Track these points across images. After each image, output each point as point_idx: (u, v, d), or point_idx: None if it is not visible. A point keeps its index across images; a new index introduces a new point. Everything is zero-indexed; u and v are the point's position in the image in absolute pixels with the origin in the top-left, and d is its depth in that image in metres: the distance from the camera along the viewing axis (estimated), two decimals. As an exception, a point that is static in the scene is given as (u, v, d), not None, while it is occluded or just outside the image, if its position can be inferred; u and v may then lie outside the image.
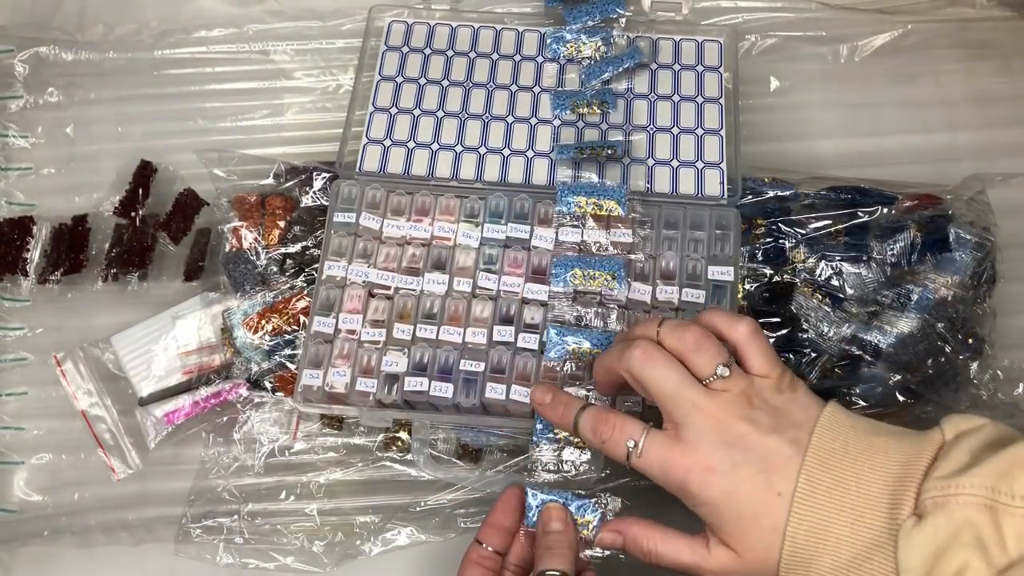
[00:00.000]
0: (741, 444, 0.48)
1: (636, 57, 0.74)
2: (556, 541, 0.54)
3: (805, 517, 0.46)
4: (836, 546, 0.45)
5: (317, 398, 0.65)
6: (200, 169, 0.76)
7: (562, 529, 0.54)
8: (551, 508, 0.55)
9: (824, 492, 0.46)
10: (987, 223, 0.69)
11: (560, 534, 0.54)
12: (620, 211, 0.67)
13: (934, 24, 0.82)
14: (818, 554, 0.46)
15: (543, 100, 0.75)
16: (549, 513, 0.55)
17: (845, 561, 0.45)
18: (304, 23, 0.84)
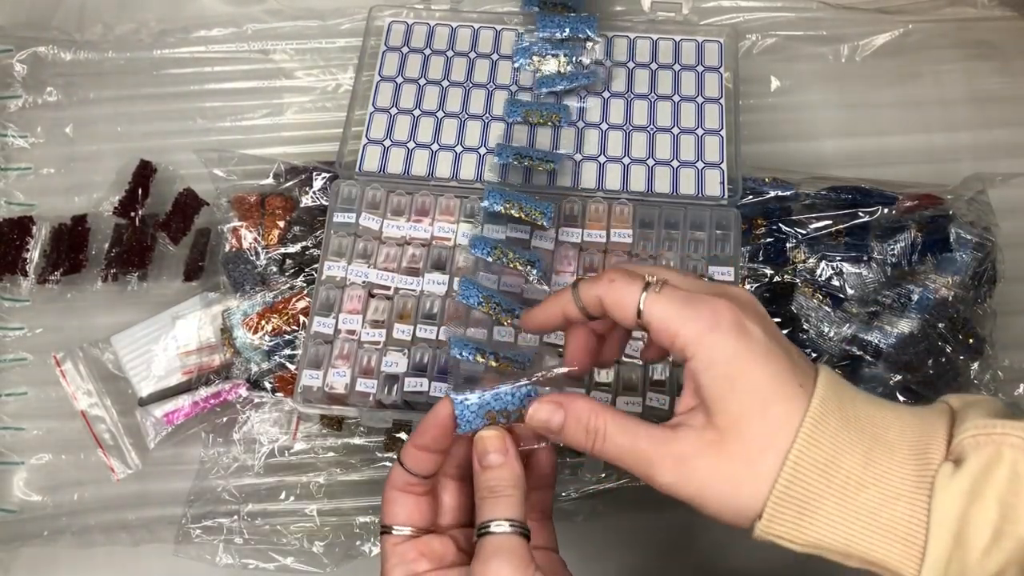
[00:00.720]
0: (765, 323, 0.42)
1: (591, 79, 0.74)
2: (497, 480, 0.44)
3: (814, 444, 0.39)
4: (844, 487, 0.39)
5: (317, 398, 0.65)
6: (200, 169, 0.76)
7: (502, 462, 0.44)
8: (484, 438, 0.45)
9: (836, 426, 0.40)
10: (988, 223, 0.69)
11: (501, 469, 0.44)
12: (544, 223, 0.66)
13: (934, 24, 0.82)
14: (821, 492, 0.39)
15: (543, 100, 0.75)
16: (483, 443, 0.45)
17: (857, 506, 0.39)
18: (304, 22, 0.84)
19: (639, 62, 0.76)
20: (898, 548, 0.38)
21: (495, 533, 0.42)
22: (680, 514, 0.68)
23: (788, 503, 0.39)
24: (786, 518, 0.39)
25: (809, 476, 0.39)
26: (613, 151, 0.73)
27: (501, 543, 0.42)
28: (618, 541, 0.68)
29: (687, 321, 0.41)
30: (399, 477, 0.46)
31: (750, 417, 0.40)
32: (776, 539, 0.40)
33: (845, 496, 0.39)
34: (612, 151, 0.73)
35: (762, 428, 0.40)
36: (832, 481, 0.39)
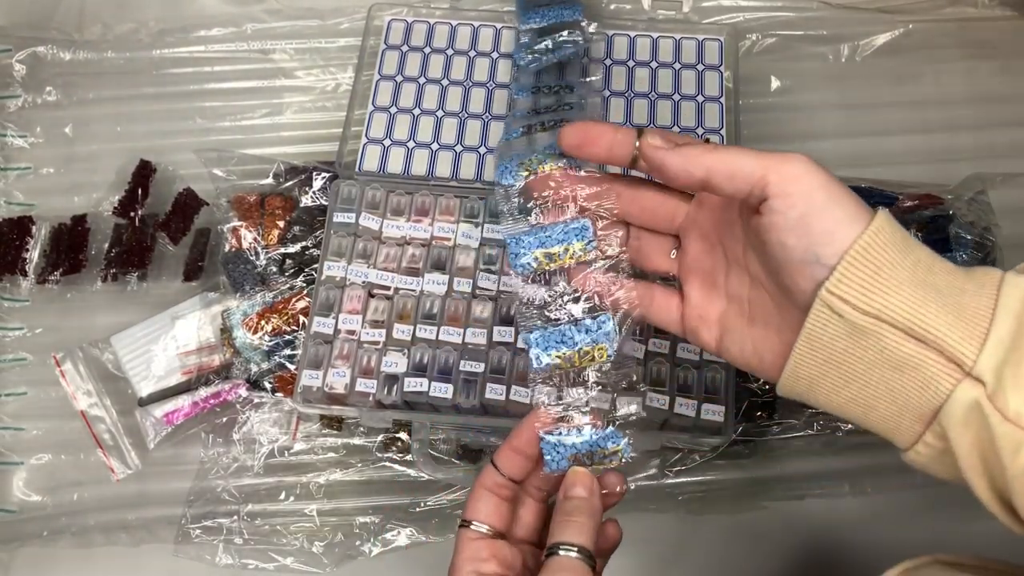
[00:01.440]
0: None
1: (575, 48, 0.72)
2: (576, 508, 0.47)
3: (890, 226, 0.40)
4: (916, 265, 0.39)
5: (317, 399, 0.65)
6: (199, 169, 0.76)
7: (586, 496, 0.47)
8: (577, 473, 0.48)
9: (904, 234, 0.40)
10: (988, 223, 0.69)
11: (583, 501, 0.47)
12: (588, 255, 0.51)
13: (935, 24, 0.81)
14: (897, 261, 0.39)
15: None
16: (574, 478, 0.48)
17: (927, 284, 0.39)
18: (303, 22, 0.84)
19: (639, 60, 0.76)
20: (961, 327, 0.38)
21: (563, 556, 0.44)
22: (680, 515, 0.68)
23: (863, 263, 0.38)
24: (856, 278, 0.38)
25: (887, 245, 0.39)
26: (613, 151, 0.72)
27: (568, 565, 0.44)
28: (618, 541, 0.68)
29: (761, 157, 0.41)
30: (489, 477, 0.49)
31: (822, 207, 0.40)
32: (842, 303, 0.39)
33: (916, 272, 0.39)
34: (612, 151, 0.72)
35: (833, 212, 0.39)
36: (907, 257, 0.39)
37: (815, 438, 0.68)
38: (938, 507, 0.67)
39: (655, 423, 0.63)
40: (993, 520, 0.41)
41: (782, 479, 0.68)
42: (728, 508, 0.68)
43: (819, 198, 0.40)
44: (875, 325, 0.38)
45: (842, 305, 0.39)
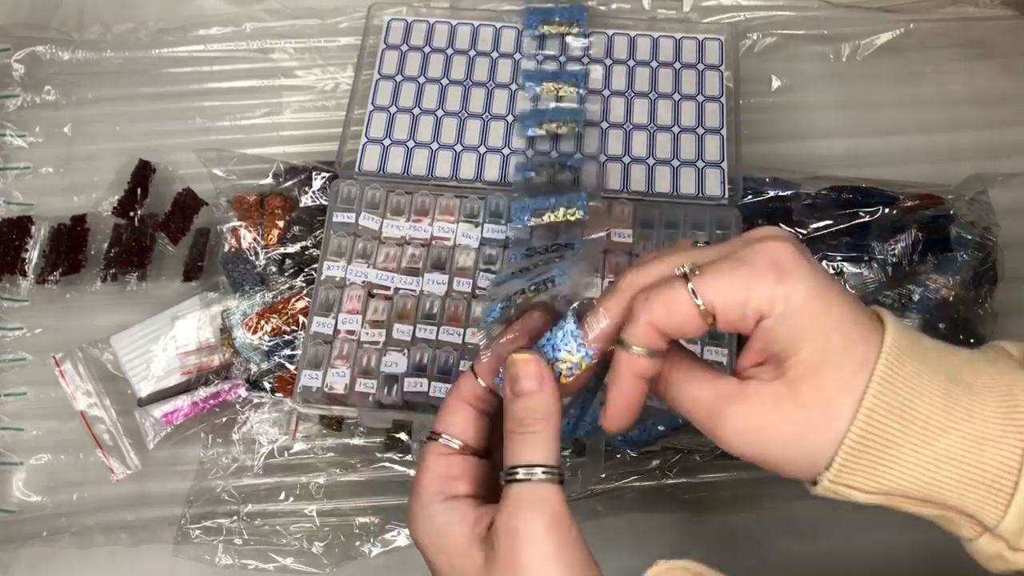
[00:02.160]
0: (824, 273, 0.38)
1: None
2: (528, 411, 0.40)
3: (890, 388, 0.36)
4: (924, 431, 0.36)
5: (316, 399, 0.65)
6: (199, 169, 0.76)
7: (535, 390, 0.40)
8: (517, 361, 0.40)
9: (911, 367, 0.37)
10: (988, 223, 0.69)
11: (533, 398, 0.40)
12: (580, 215, 0.64)
13: (936, 23, 0.81)
14: (898, 438, 0.36)
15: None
16: (515, 367, 0.40)
17: (938, 452, 0.36)
18: (303, 21, 0.83)
19: (639, 60, 0.76)
20: (981, 493, 0.36)
21: (525, 480, 0.39)
22: (680, 515, 0.68)
23: (863, 451, 0.36)
24: (859, 466, 0.37)
25: (886, 422, 0.36)
26: (613, 150, 0.72)
27: (533, 494, 0.39)
28: (617, 541, 0.68)
29: (751, 283, 0.37)
30: (467, 387, 0.44)
31: (829, 358, 0.37)
32: (845, 489, 0.37)
33: (924, 441, 0.36)
34: (612, 150, 0.72)
35: (840, 369, 0.37)
36: (910, 426, 0.36)
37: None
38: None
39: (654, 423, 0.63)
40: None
41: (782, 479, 0.68)
42: (728, 508, 0.68)
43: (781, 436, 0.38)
44: (888, 499, 0.38)
45: (847, 491, 0.38)
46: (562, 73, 0.74)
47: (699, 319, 0.38)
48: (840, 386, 0.37)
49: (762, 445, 0.38)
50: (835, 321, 0.37)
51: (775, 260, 0.37)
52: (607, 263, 0.67)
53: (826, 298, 0.37)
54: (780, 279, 0.37)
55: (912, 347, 0.37)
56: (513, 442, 0.40)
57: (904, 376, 0.37)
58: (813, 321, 0.37)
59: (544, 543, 0.38)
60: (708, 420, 0.39)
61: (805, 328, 0.37)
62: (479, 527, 0.41)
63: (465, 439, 0.43)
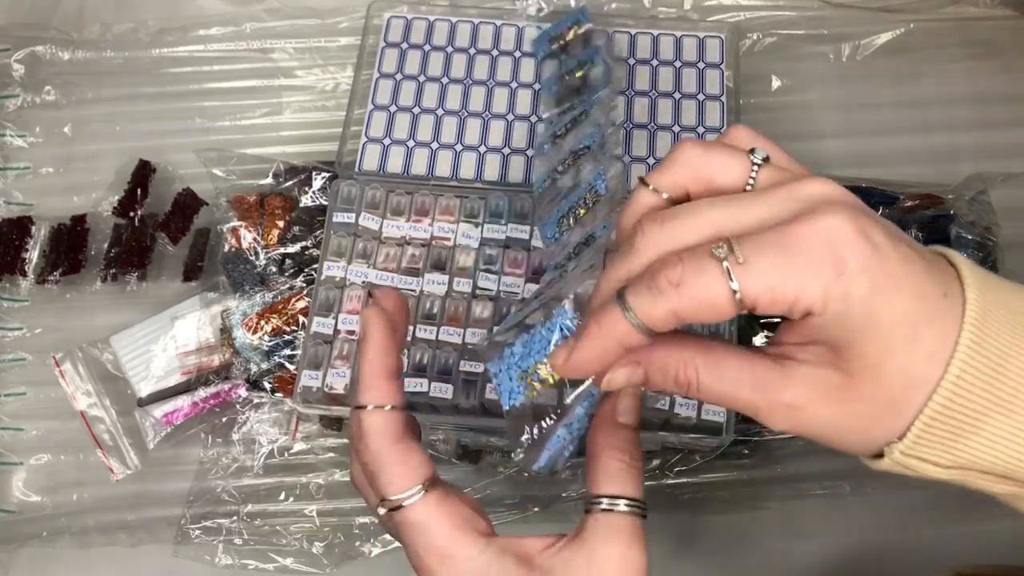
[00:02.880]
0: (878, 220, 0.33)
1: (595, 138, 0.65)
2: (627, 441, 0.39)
3: (979, 350, 0.32)
4: (1013, 398, 0.32)
5: (316, 399, 0.65)
6: (199, 169, 0.76)
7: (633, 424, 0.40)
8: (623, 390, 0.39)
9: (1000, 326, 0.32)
10: (989, 223, 0.69)
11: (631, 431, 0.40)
12: (601, 189, 0.58)
13: (936, 23, 0.81)
14: (986, 407, 0.32)
15: (543, 97, 0.75)
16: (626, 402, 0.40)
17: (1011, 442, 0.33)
18: (303, 21, 0.83)
19: (640, 58, 0.76)
20: None
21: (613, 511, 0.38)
22: (680, 515, 0.68)
23: (944, 423, 0.33)
24: (937, 439, 0.33)
25: (972, 392, 0.32)
26: (613, 150, 0.72)
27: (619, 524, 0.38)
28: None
29: (803, 278, 0.31)
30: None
31: (893, 355, 0.32)
32: (917, 462, 0.34)
33: (1013, 409, 0.32)
34: (612, 150, 0.72)
35: (908, 365, 0.32)
36: (999, 393, 0.32)
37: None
38: (939, 507, 0.67)
39: (655, 423, 0.63)
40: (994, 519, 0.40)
41: (782, 479, 0.68)
42: (728, 508, 0.68)
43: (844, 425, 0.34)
44: (964, 473, 0.34)
45: (919, 463, 0.34)
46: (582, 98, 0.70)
47: (732, 310, 0.32)
48: (907, 382, 0.33)
49: (814, 428, 0.35)
50: (904, 314, 0.32)
51: (835, 248, 0.31)
52: (606, 262, 0.67)
53: (895, 289, 0.32)
54: (838, 275, 0.31)
55: (999, 301, 0.33)
56: (603, 467, 0.39)
57: (993, 335, 0.32)
58: (876, 316, 0.32)
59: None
60: (753, 412, 0.35)
61: (866, 324, 0.32)
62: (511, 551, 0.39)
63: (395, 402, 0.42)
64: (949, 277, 0.33)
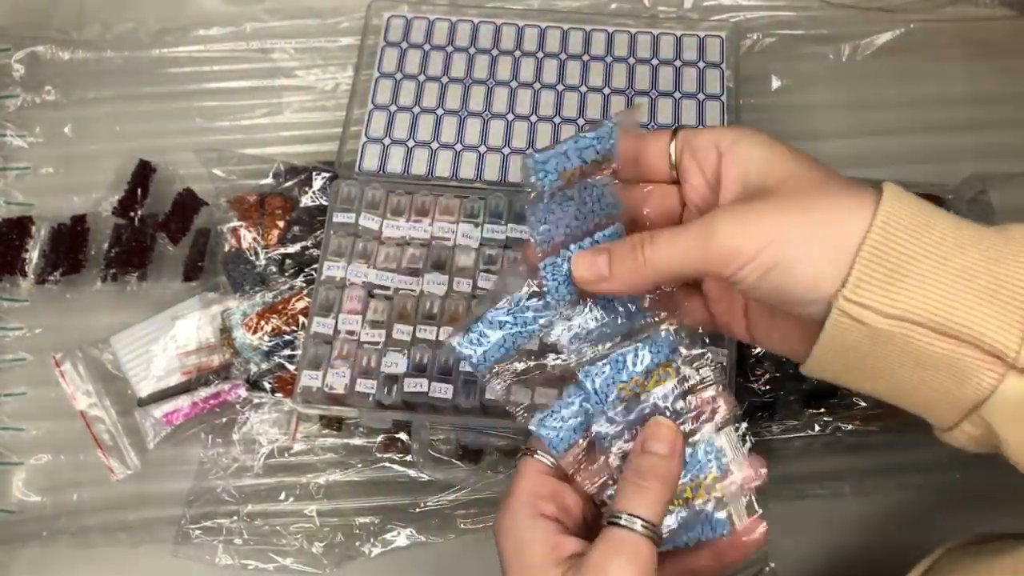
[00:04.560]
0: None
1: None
2: (650, 468, 0.41)
3: (901, 203, 0.36)
4: (940, 247, 0.35)
5: (316, 399, 0.65)
6: (199, 169, 0.76)
7: (665, 455, 0.41)
8: (660, 423, 0.41)
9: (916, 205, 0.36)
10: (988, 223, 0.69)
11: (660, 459, 0.41)
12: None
13: (936, 23, 0.81)
14: (916, 252, 0.35)
15: (544, 97, 0.75)
16: (657, 428, 0.41)
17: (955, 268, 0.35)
18: (303, 21, 0.83)
19: (640, 58, 0.76)
20: (999, 314, 0.34)
21: (625, 527, 0.39)
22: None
23: (879, 263, 0.35)
24: (875, 281, 0.35)
25: (902, 234, 0.35)
26: (613, 150, 0.72)
27: (630, 542, 0.39)
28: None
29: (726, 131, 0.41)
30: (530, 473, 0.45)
31: (820, 188, 0.37)
32: (862, 309, 0.35)
33: (942, 257, 0.35)
34: (612, 150, 0.72)
35: (844, 186, 0.37)
36: (927, 241, 0.35)
37: (815, 438, 0.68)
38: (939, 507, 0.67)
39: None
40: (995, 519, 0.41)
41: (782, 479, 0.68)
42: (728, 508, 0.68)
43: (792, 235, 0.36)
44: (901, 327, 0.35)
45: (862, 311, 0.35)
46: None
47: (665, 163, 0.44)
48: (847, 202, 0.36)
49: (770, 255, 0.36)
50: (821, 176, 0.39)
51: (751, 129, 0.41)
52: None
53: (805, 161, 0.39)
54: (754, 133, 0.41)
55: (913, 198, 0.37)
56: (626, 489, 0.41)
57: (912, 201, 0.36)
58: (795, 157, 0.39)
59: None
60: (702, 264, 0.38)
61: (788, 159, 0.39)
62: (557, 552, 0.41)
63: (556, 459, 0.44)
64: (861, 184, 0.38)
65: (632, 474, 0.41)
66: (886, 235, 0.35)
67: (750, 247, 0.36)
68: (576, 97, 0.75)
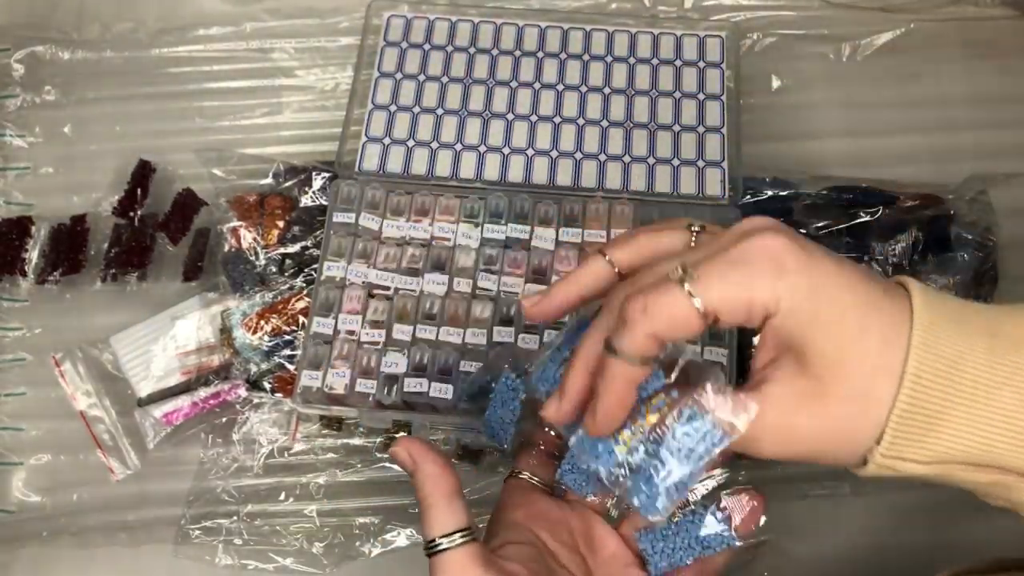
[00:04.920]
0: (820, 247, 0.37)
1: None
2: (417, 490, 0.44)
3: (931, 350, 0.35)
4: (973, 391, 0.35)
5: (316, 399, 0.65)
6: (199, 169, 0.76)
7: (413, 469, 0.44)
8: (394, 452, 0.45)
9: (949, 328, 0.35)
10: (989, 223, 0.69)
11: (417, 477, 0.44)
12: None
13: (936, 23, 0.81)
14: (950, 400, 0.35)
15: (544, 97, 0.75)
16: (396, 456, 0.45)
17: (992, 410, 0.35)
18: (302, 21, 0.83)
19: (640, 58, 0.76)
20: None
21: (434, 551, 0.41)
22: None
23: (913, 419, 0.35)
24: (911, 436, 0.35)
25: (933, 386, 0.35)
26: (613, 149, 0.72)
27: (439, 565, 0.41)
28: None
29: (750, 282, 0.35)
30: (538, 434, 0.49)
31: (849, 346, 0.35)
32: (898, 462, 0.36)
33: (975, 401, 0.35)
34: (612, 149, 0.72)
35: (865, 353, 0.35)
36: (959, 387, 0.35)
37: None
38: (939, 508, 0.67)
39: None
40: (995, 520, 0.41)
41: (782, 479, 0.68)
42: (728, 508, 0.68)
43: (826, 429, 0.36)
44: (941, 468, 0.36)
45: (900, 463, 0.36)
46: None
47: (700, 322, 0.36)
48: (869, 370, 0.35)
49: (800, 444, 0.37)
50: (848, 304, 0.35)
51: (772, 255, 0.35)
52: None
53: (834, 284, 0.35)
54: (780, 275, 0.35)
55: (944, 308, 0.36)
56: (421, 518, 0.43)
57: (944, 338, 0.35)
58: (822, 310, 0.35)
59: None
60: (742, 442, 0.38)
61: (815, 319, 0.35)
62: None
63: (541, 476, 0.48)
64: (890, 284, 0.37)
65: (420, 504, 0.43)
66: (916, 391, 0.35)
67: (792, 453, 0.37)
68: (576, 97, 0.75)
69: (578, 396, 0.40)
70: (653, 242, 0.42)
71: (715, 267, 0.36)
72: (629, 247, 0.42)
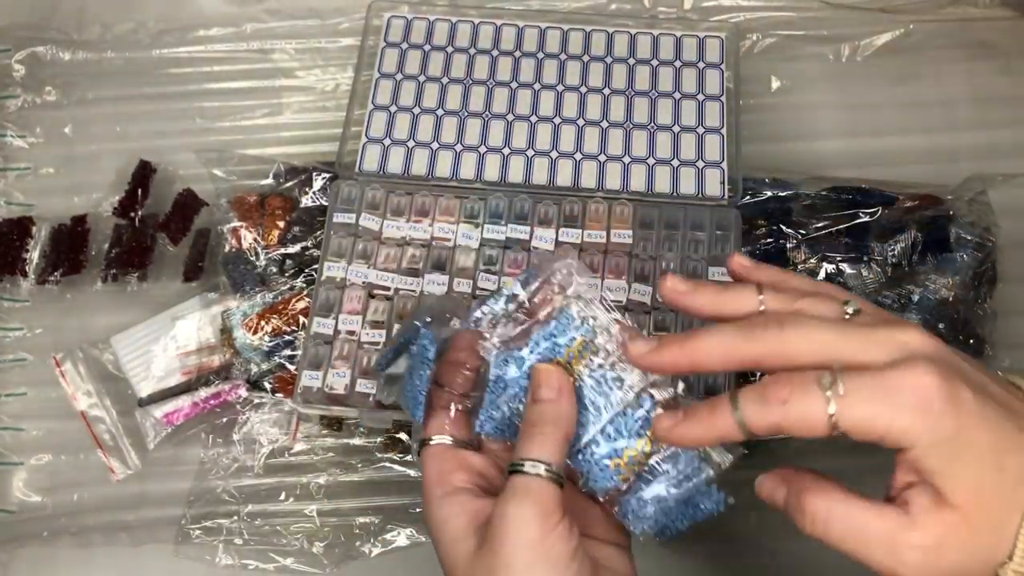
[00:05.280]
0: (963, 371, 0.38)
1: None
2: (540, 415, 0.43)
3: None
4: None
5: (317, 399, 0.65)
6: (199, 169, 0.76)
7: (553, 398, 0.43)
8: (540, 370, 0.44)
9: None
10: (988, 223, 0.69)
11: (549, 404, 0.43)
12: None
13: (936, 24, 0.81)
14: None
15: (544, 97, 0.75)
16: (538, 376, 0.44)
17: None
18: (303, 22, 0.83)
19: (640, 58, 0.76)
20: None
21: (526, 473, 0.41)
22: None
23: None
24: None
25: None
26: (613, 150, 0.72)
27: (527, 485, 0.41)
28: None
29: (894, 415, 0.36)
30: (440, 395, 0.47)
31: (987, 486, 0.37)
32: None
33: None
34: (612, 150, 0.72)
35: (1002, 490, 0.37)
36: None
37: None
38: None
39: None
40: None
41: (782, 479, 0.68)
42: (728, 508, 0.68)
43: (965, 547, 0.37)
44: None
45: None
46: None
47: (826, 432, 0.37)
48: (1004, 505, 0.37)
49: (943, 569, 0.38)
50: (987, 446, 0.37)
51: (924, 395, 0.36)
52: (606, 264, 0.67)
53: (975, 426, 0.36)
54: (926, 415, 0.36)
55: None
56: (523, 439, 0.42)
57: None
58: (963, 451, 0.36)
59: (529, 530, 0.40)
60: (886, 556, 0.38)
61: (956, 458, 0.36)
62: (479, 518, 0.43)
63: (452, 433, 0.46)
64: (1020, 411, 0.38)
65: (526, 424, 0.43)
66: None
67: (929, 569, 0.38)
68: (576, 97, 0.75)
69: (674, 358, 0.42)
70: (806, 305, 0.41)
71: (864, 390, 0.37)
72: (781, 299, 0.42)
